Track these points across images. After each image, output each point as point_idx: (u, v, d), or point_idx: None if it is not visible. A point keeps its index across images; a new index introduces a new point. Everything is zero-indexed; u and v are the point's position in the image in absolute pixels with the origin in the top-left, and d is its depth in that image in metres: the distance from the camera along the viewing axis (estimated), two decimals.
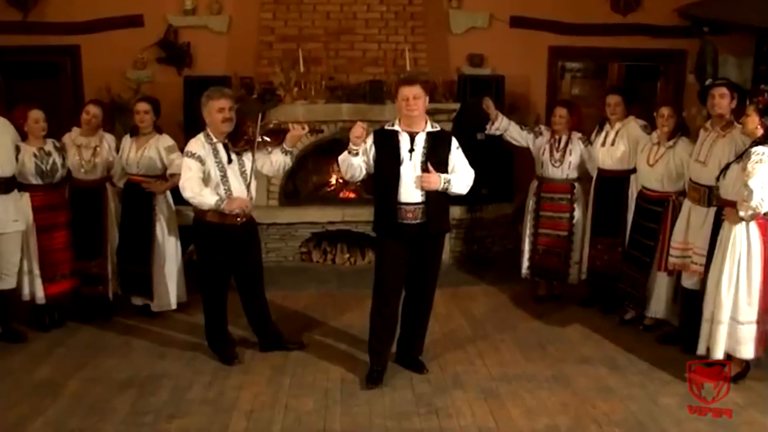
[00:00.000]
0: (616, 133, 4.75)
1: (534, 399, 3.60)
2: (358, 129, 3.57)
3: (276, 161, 4.00)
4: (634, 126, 4.71)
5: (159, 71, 6.47)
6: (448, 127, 6.07)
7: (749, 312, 3.63)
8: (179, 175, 4.50)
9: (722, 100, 3.97)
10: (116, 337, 4.43)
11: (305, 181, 6.60)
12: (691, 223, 4.15)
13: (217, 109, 3.80)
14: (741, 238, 3.60)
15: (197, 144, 3.83)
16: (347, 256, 6.34)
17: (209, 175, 3.81)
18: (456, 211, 5.96)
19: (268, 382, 3.79)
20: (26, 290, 4.35)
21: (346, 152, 3.66)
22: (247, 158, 3.93)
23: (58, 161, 4.38)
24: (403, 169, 3.59)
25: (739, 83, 6.82)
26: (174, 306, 4.76)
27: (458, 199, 4.10)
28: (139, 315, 4.75)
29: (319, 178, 6.67)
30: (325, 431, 3.29)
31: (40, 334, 4.41)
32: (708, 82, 4.19)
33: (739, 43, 6.64)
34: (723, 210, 3.72)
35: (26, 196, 4.27)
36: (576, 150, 4.92)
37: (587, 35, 6.70)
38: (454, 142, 3.74)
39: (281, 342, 4.23)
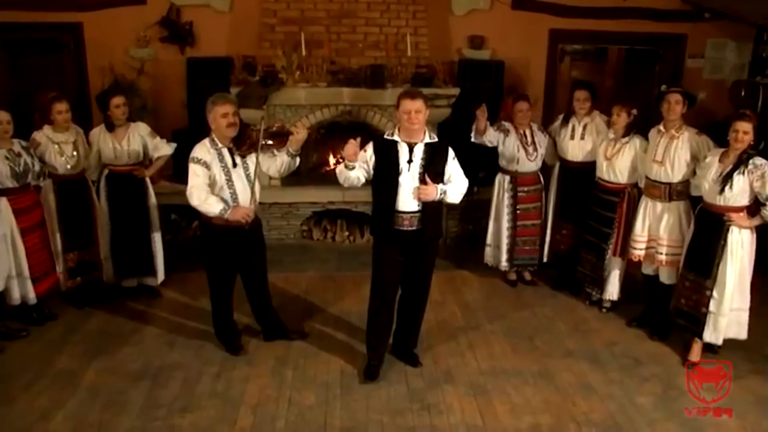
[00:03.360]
0: (584, 127, 4.97)
1: (519, 396, 3.87)
2: (350, 148, 3.70)
3: (281, 163, 4.13)
4: (599, 121, 4.96)
5: (162, 50, 6.49)
6: (448, 112, 6.20)
7: (746, 299, 4.08)
8: (164, 156, 4.89)
9: (677, 106, 4.30)
10: (126, 323, 4.68)
11: (305, 159, 6.72)
12: (651, 218, 4.50)
13: (222, 114, 3.91)
14: (747, 239, 3.98)
15: (202, 149, 3.95)
16: (347, 234, 6.55)
17: (214, 180, 3.95)
18: None
19: (272, 375, 4.05)
20: (16, 294, 4.40)
21: (342, 166, 3.80)
22: (252, 161, 4.05)
23: (29, 161, 4.36)
24: (401, 179, 3.74)
25: (737, 68, 6.95)
26: (161, 280, 5.11)
27: None
28: (131, 297, 5.03)
29: (319, 156, 6.82)
30: (325, 426, 3.56)
31: (54, 322, 4.65)
32: (663, 88, 4.44)
33: (739, 28, 6.66)
34: (727, 216, 3.96)
35: (4, 200, 4.28)
36: (542, 141, 5.16)
37: (588, 18, 6.70)
38: (451, 153, 3.87)
39: (284, 332, 4.47)
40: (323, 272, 5.75)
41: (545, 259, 5.38)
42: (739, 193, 3.89)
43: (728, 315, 4.04)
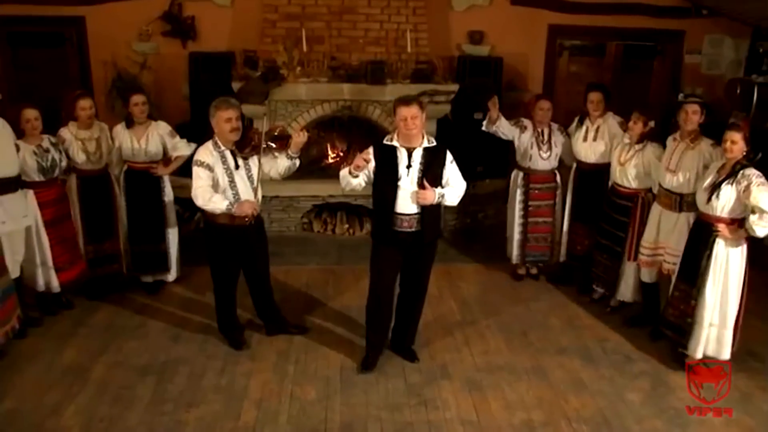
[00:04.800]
0: (597, 129, 5.02)
1: (513, 392, 4.00)
2: (362, 161, 3.80)
3: (282, 166, 4.23)
4: (612, 123, 5.00)
5: (164, 44, 6.57)
6: (447, 108, 6.28)
7: (733, 316, 4.08)
8: (182, 156, 4.94)
9: (694, 116, 4.31)
10: (132, 317, 4.80)
11: (305, 154, 6.79)
12: (661, 226, 4.53)
13: (225, 119, 4.01)
14: (737, 253, 3.98)
15: (206, 152, 4.05)
16: (346, 226, 6.66)
17: (218, 182, 4.05)
18: None
19: (274, 369, 4.17)
20: (41, 281, 4.61)
21: (346, 171, 3.90)
22: (254, 163, 4.15)
23: (57, 156, 4.51)
24: (400, 184, 3.84)
25: (734, 64, 7.01)
26: (175, 276, 5.27)
27: None
28: (148, 291, 5.16)
29: (319, 150, 6.90)
30: (326, 422, 3.69)
31: (64, 314, 4.79)
32: (681, 97, 4.43)
33: (737, 25, 6.72)
34: (714, 227, 3.97)
35: (31, 192, 4.41)
36: (559, 141, 5.22)
37: (587, 14, 6.76)
38: (449, 156, 3.96)
39: (285, 326, 4.60)
40: (324, 265, 5.88)
41: (562, 259, 5.44)
42: (726, 203, 3.91)
43: (707, 329, 4.06)
